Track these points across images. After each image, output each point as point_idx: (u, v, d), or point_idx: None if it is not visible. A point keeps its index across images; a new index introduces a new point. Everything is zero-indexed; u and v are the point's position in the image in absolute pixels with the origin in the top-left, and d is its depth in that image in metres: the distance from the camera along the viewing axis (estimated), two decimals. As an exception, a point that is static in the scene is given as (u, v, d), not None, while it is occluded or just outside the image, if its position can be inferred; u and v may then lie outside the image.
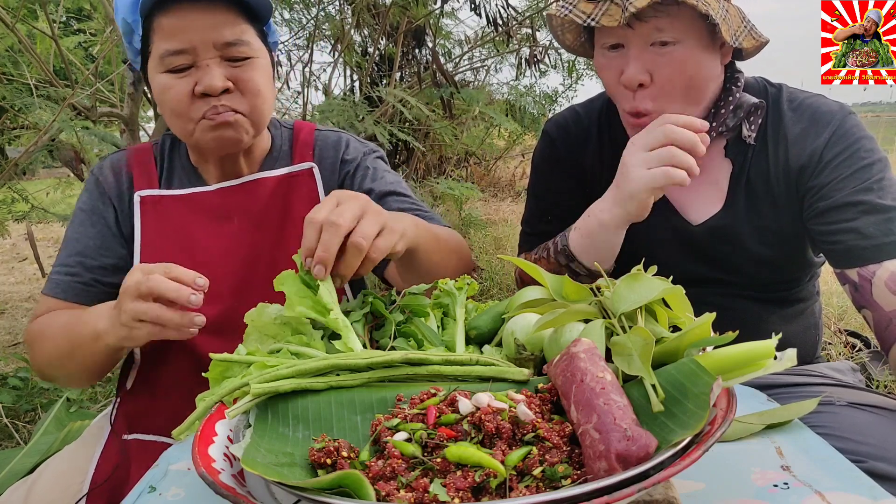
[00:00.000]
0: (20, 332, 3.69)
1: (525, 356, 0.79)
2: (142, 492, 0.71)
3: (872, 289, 0.99)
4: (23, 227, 4.15)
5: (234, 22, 1.02)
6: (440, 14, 4.41)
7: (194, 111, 1.02)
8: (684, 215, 1.17)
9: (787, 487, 0.65)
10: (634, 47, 1.03)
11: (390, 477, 0.54)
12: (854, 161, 1.05)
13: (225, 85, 1.01)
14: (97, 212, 1.15)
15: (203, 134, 1.04)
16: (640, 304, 0.70)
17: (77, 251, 1.13)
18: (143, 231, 1.13)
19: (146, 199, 1.14)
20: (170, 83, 1.01)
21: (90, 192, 1.17)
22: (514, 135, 6.41)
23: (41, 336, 1.07)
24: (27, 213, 3.13)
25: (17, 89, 2.82)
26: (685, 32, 1.01)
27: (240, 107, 1.04)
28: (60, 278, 1.12)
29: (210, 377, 0.74)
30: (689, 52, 1.03)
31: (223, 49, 1.01)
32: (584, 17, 1.02)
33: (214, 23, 1.00)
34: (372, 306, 0.89)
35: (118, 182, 1.16)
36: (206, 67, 1.00)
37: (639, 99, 1.06)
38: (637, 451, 0.51)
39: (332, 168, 1.21)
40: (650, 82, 1.04)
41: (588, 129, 1.27)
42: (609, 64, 1.08)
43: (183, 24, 0.99)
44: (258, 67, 1.05)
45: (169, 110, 1.04)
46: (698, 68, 1.04)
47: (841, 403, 0.98)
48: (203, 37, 0.99)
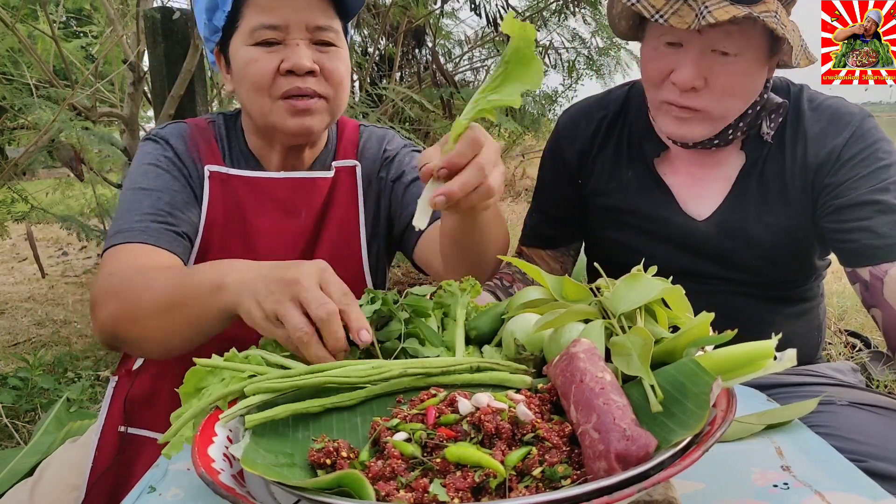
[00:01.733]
0: (20, 332, 3.69)
1: (525, 356, 0.79)
2: (142, 492, 0.71)
3: (884, 288, 0.99)
4: (23, 228, 4.16)
5: (326, 9, 1.05)
6: (440, 14, 4.41)
7: (276, 87, 1.02)
8: (689, 212, 1.17)
9: (787, 487, 0.65)
10: (696, 50, 1.02)
11: (390, 477, 0.54)
12: (872, 161, 1.05)
13: (312, 66, 1.02)
14: (176, 169, 1.09)
15: (281, 116, 1.04)
16: (639, 304, 0.70)
17: (165, 201, 1.04)
18: (209, 207, 1.10)
19: (215, 175, 1.11)
20: (256, 56, 1.02)
21: (162, 151, 1.10)
22: (514, 135, 6.41)
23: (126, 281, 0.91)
24: (27, 213, 3.14)
25: (17, 89, 2.82)
26: (748, 46, 1.01)
27: (323, 91, 1.05)
28: (149, 225, 1.00)
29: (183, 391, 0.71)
30: (746, 66, 1.02)
31: (314, 32, 1.03)
32: (652, 12, 1.00)
33: (309, 5, 1.03)
34: (382, 303, 0.89)
35: (189, 150, 1.12)
36: (294, 46, 1.02)
37: (686, 98, 1.05)
38: (637, 451, 0.51)
39: (374, 158, 1.22)
40: (703, 87, 1.03)
41: (600, 121, 1.27)
42: (660, 58, 1.06)
43: (280, 2, 1.01)
44: (342, 58, 1.08)
45: (250, 83, 1.03)
46: (751, 80, 1.04)
47: (841, 403, 0.98)
48: (297, 17, 1.02)
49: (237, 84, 1.07)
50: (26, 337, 3.61)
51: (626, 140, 1.24)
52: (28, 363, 2.70)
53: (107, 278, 0.94)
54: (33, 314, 4.03)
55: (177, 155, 1.11)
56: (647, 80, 1.12)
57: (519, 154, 7.82)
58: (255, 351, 0.76)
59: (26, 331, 3.72)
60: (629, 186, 1.22)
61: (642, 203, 1.20)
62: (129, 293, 0.89)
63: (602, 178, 1.25)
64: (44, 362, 2.89)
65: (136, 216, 1.01)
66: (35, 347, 3.36)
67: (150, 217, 1.01)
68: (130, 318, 0.89)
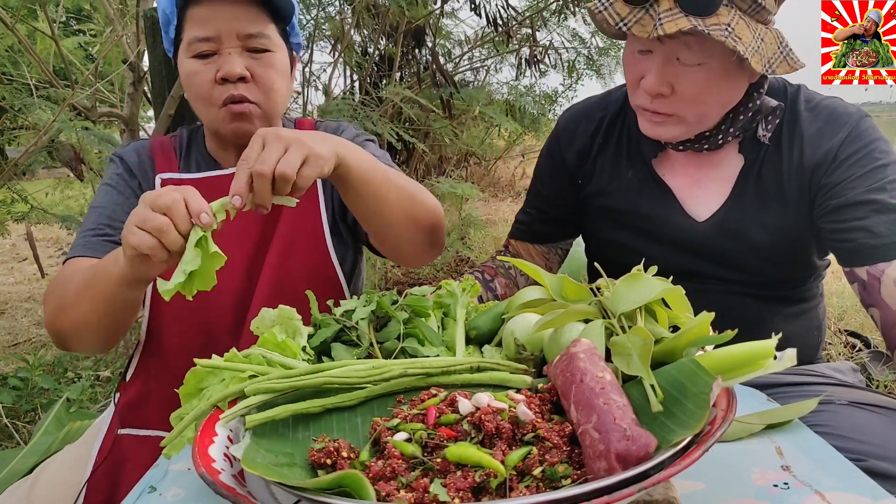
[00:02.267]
0: (20, 332, 3.69)
1: (525, 356, 0.79)
2: (142, 492, 0.71)
3: (881, 287, 0.99)
4: (22, 228, 4.15)
5: (257, 17, 1.11)
6: (440, 14, 4.41)
7: (216, 96, 1.10)
8: (690, 213, 1.17)
9: (787, 487, 0.65)
10: (659, 58, 1.03)
11: (390, 477, 0.54)
12: (868, 161, 1.05)
13: (242, 73, 1.09)
14: (124, 183, 1.19)
15: (223, 122, 1.12)
16: (639, 304, 0.70)
17: (106, 216, 1.15)
18: None
19: (166, 181, 1.19)
20: (196, 68, 1.10)
21: (115, 169, 1.21)
22: (514, 135, 6.41)
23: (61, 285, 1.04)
24: (27, 213, 3.13)
25: (17, 89, 2.82)
26: (711, 55, 1.01)
27: (253, 97, 1.11)
28: (88, 240, 1.12)
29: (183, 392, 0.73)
30: (712, 74, 1.02)
31: (245, 40, 1.10)
32: (616, 20, 1.02)
33: (238, 15, 1.09)
34: (377, 305, 0.89)
35: (141, 162, 1.21)
36: (227, 55, 1.09)
37: (656, 104, 1.06)
38: (637, 450, 0.51)
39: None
40: (670, 93, 1.05)
41: (600, 121, 1.27)
42: (634, 62, 1.08)
43: (211, 14, 1.09)
44: (275, 62, 1.13)
45: (195, 94, 1.13)
46: (718, 89, 1.05)
47: (841, 403, 0.98)
48: (228, 26, 1.08)
49: (186, 93, 1.16)
50: (26, 337, 3.61)
51: (625, 140, 1.24)
52: (28, 363, 2.70)
53: (52, 282, 1.08)
54: (33, 314, 4.03)
55: (129, 170, 1.20)
56: (628, 85, 1.14)
57: (519, 154, 7.82)
58: (255, 350, 0.76)
59: (26, 331, 3.72)
60: (630, 186, 1.22)
61: (643, 203, 1.20)
62: (59, 290, 1.04)
63: (603, 179, 1.25)
64: (44, 362, 2.89)
65: (82, 234, 1.13)
66: (35, 347, 3.36)
67: (91, 232, 1.12)
68: (62, 311, 1.02)
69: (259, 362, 0.74)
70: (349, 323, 0.87)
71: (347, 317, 0.88)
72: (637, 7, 1.01)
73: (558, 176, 1.32)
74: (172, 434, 0.67)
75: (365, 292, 0.93)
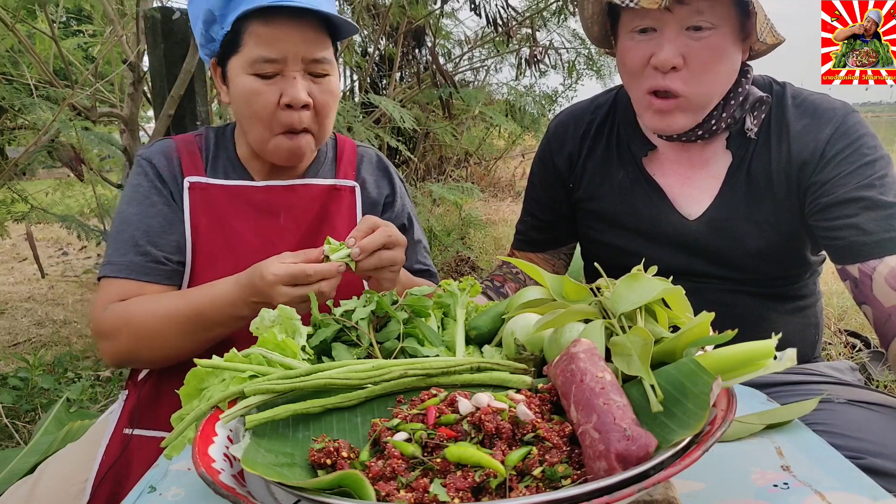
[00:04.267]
0: (20, 332, 3.69)
1: (525, 356, 0.79)
2: (142, 492, 0.71)
3: (873, 284, 1.00)
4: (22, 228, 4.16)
5: (321, 39, 1.11)
6: (440, 14, 4.41)
7: (276, 121, 1.10)
8: (681, 211, 1.17)
9: (787, 487, 0.65)
10: (670, 30, 1.04)
11: (390, 477, 0.54)
12: (856, 157, 1.05)
13: (307, 100, 1.09)
14: (155, 191, 1.17)
15: (276, 149, 1.13)
16: (639, 304, 0.70)
17: (142, 231, 1.14)
18: (191, 215, 1.16)
19: (194, 185, 1.18)
20: (259, 88, 1.09)
21: (144, 174, 1.19)
22: (514, 135, 6.41)
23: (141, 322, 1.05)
24: (27, 213, 3.13)
25: (16, 89, 2.82)
26: (722, 19, 1.02)
27: (312, 127, 1.13)
28: (131, 259, 1.12)
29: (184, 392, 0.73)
30: (722, 40, 1.04)
31: (309, 65, 1.10)
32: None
33: (306, 38, 1.08)
34: (377, 305, 0.89)
35: (170, 165, 1.19)
36: (292, 80, 1.08)
37: (669, 79, 1.06)
38: (637, 450, 0.51)
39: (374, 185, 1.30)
40: (682, 66, 1.05)
41: (589, 125, 1.28)
42: (637, 47, 1.08)
43: (279, 35, 1.07)
44: (334, 87, 1.15)
45: (252, 113, 1.11)
46: (727, 57, 1.06)
47: (839, 401, 0.98)
48: (294, 49, 1.07)
49: (237, 107, 1.14)
50: (26, 337, 3.61)
51: (615, 142, 1.25)
52: (28, 363, 2.70)
53: (107, 314, 1.08)
54: (33, 314, 4.03)
55: (158, 175, 1.18)
56: (628, 74, 1.13)
57: (519, 154, 7.82)
58: (255, 350, 0.76)
59: (26, 331, 3.72)
60: (621, 187, 1.23)
61: (635, 203, 1.21)
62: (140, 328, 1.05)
63: (594, 182, 1.26)
64: (44, 362, 2.89)
65: (121, 250, 1.13)
66: (35, 347, 3.36)
67: (133, 251, 1.12)
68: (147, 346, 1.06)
69: (259, 362, 0.74)
70: (349, 323, 0.87)
71: (347, 317, 0.88)
72: None
73: (551, 181, 1.33)
74: (173, 434, 0.67)
75: (365, 292, 0.93)
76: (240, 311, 1.00)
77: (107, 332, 1.07)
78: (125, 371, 2.88)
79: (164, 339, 1.05)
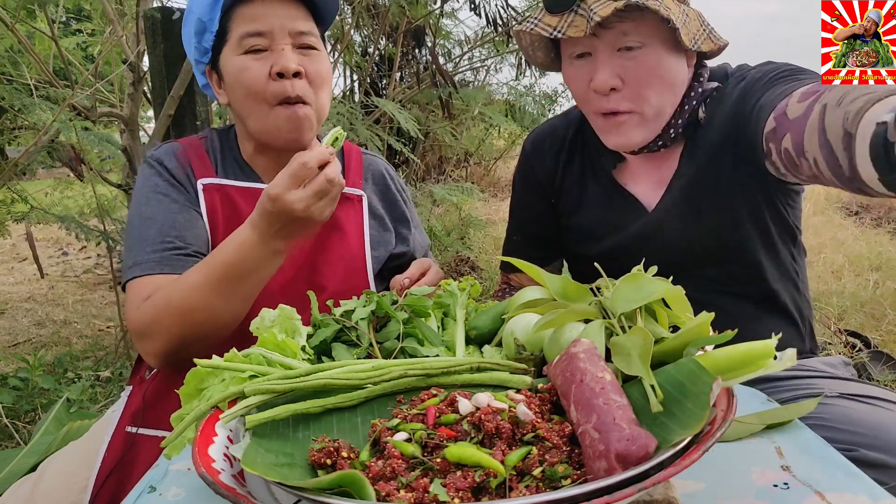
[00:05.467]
0: (20, 332, 3.69)
1: (525, 356, 0.80)
2: (142, 492, 0.71)
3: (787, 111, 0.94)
4: (22, 228, 4.16)
5: (305, 17, 1.14)
6: (440, 14, 4.41)
7: (270, 92, 1.10)
8: (644, 203, 1.19)
9: (787, 487, 0.65)
10: (602, 54, 1.05)
11: (390, 477, 0.54)
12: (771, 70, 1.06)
13: (298, 68, 1.09)
14: (174, 190, 1.16)
15: (276, 120, 1.12)
16: (639, 304, 0.70)
17: (168, 225, 1.11)
18: (209, 217, 1.16)
19: (208, 187, 1.18)
20: (248, 64, 1.10)
21: (157, 174, 1.17)
22: (514, 135, 6.41)
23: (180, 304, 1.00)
24: (27, 213, 3.13)
25: (17, 89, 2.82)
26: (650, 36, 1.04)
27: (308, 96, 1.12)
28: (161, 255, 1.08)
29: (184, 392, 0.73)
30: (655, 55, 1.05)
31: (296, 37, 1.12)
32: (549, 30, 1.05)
33: (289, 14, 1.12)
34: (377, 305, 0.89)
35: (182, 167, 1.19)
36: (280, 51, 1.10)
37: (612, 101, 1.08)
38: (637, 450, 0.51)
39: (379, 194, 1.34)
40: (622, 86, 1.06)
41: (563, 140, 1.30)
42: (577, 73, 1.10)
43: (262, 11, 1.10)
44: (323, 60, 1.16)
45: (245, 89, 1.11)
46: (666, 69, 1.06)
47: (832, 394, 0.99)
48: (281, 23, 1.10)
49: (231, 93, 1.14)
50: (26, 337, 3.61)
51: (588, 157, 1.27)
52: (28, 363, 2.70)
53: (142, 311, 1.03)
54: (33, 314, 4.03)
55: (172, 175, 1.17)
56: (576, 99, 1.15)
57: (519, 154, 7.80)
58: (255, 350, 0.76)
59: (26, 331, 3.72)
60: (596, 200, 1.24)
61: (612, 214, 1.22)
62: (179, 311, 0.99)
63: (572, 196, 1.28)
64: (44, 362, 2.89)
65: (149, 247, 1.09)
66: (35, 347, 3.36)
67: (161, 246, 1.09)
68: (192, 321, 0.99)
69: (259, 362, 0.74)
70: (349, 323, 0.87)
71: (347, 317, 0.88)
72: (566, 12, 1.04)
73: (535, 195, 1.34)
74: (173, 434, 0.67)
75: (365, 292, 0.93)
76: (268, 248, 0.98)
77: (147, 327, 1.02)
78: (125, 371, 2.88)
79: (207, 308, 0.99)
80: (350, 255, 1.23)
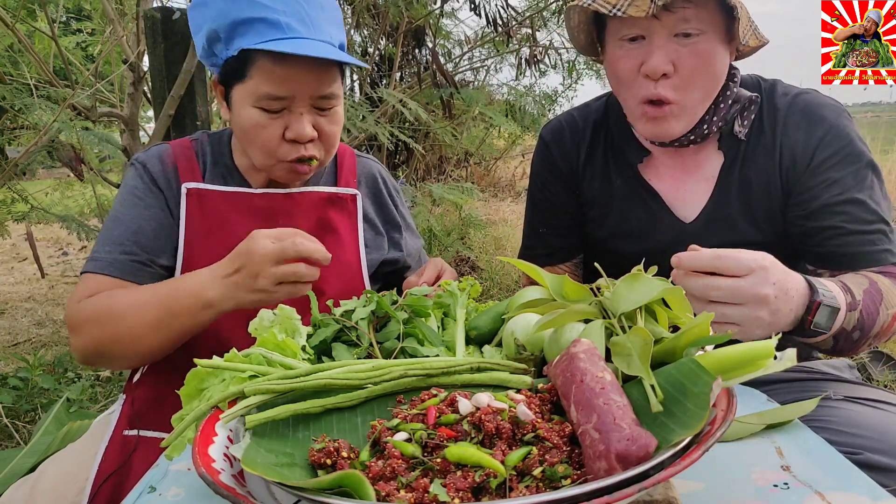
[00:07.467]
0: (20, 332, 3.69)
1: (525, 356, 0.79)
2: (142, 492, 0.71)
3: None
4: (22, 228, 4.16)
5: (332, 77, 1.10)
6: (440, 14, 4.41)
7: (282, 153, 1.10)
8: (677, 214, 1.18)
9: (787, 487, 0.65)
10: (659, 37, 1.04)
11: (390, 477, 0.54)
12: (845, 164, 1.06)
13: (312, 134, 1.09)
14: (151, 195, 1.16)
15: (281, 173, 1.14)
16: (639, 304, 0.70)
17: (132, 231, 1.13)
18: (187, 221, 1.16)
19: (192, 192, 1.17)
20: (263, 122, 1.08)
21: (139, 177, 1.18)
22: (514, 135, 6.42)
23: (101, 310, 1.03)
24: (27, 213, 3.13)
25: (17, 89, 2.82)
26: (709, 24, 1.03)
27: (318, 154, 1.13)
28: (116, 257, 1.11)
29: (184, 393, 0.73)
30: (710, 45, 1.04)
31: (316, 100, 1.09)
32: (609, 7, 1.02)
33: (317, 77, 1.07)
34: (377, 305, 0.89)
35: (165, 171, 1.18)
36: (298, 116, 1.08)
37: (661, 87, 1.06)
38: (637, 451, 0.51)
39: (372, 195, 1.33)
40: (673, 72, 1.05)
41: (584, 132, 1.28)
42: (627, 55, 1.08)
43: (289, 75, 1.05)
44: (339, 117, 1.15)
45: (257, 146, 1.11)
46: (717, 61, 1.06)
47: (837, 397, 0.99)
48: (303, 88, 1.07)
49: (240, 133, 1.14)
50: (26, 337, 3.62)
51: (610, 149, 1.26)
52: (28, 363, 2.70)
53: (81, 306, 1.06)
54: (33, 314, 4.03)
55: (153, 179, 1.17)
56: (619, 83, 1.13)
57: (519, 154, 7.82)
58: (255, 350, 0.76)
59: (26, 331, 3.72)
60: (619, 194, 1.23)
61: (634, 209, 1.21)
62: (109, 319, 1.02)
63: (594, 189, 1.26)
64: (44, 362, 2.89)
65: (108, 246, 1.12)
66: (35, 347, 3.37)
67: (119, 249, 1.11)
68: (114, 339, 1.03)
69: (259, 362, 0.74)
70: (349, 323, 0.87)
71: (347, 317, 0.88)
72: None
73: (558, 185, 1.31)
74: (173, 435, 0.67)
75: (365, 292, 0.93)
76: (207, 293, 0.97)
77: (79, 324, 1.05)
78: (125, 371, 2.88)
79: (129, 329, 1.01)
80: (346, 259, 1.23)
